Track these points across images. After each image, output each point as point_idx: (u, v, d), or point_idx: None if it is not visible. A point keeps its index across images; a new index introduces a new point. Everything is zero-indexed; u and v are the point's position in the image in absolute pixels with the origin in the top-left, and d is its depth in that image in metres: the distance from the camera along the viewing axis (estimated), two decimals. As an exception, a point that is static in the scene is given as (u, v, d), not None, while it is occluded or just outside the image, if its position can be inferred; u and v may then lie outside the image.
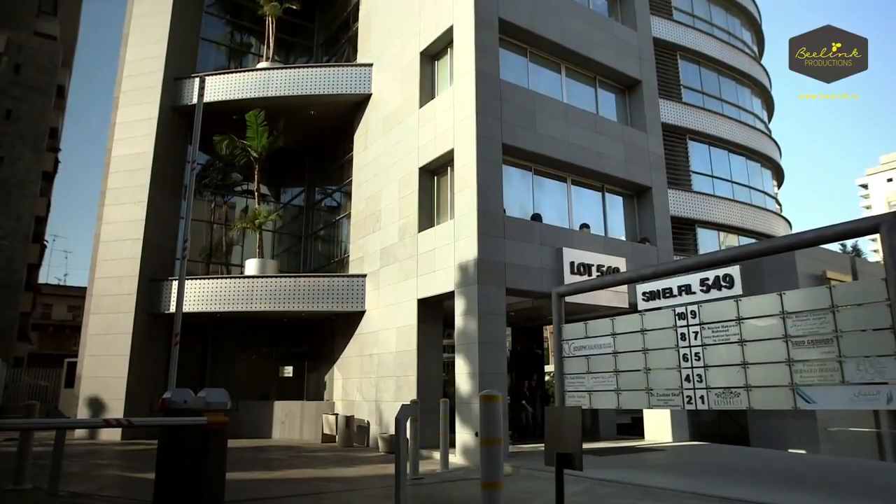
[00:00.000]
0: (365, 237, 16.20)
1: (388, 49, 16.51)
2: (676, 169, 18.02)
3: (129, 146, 17.03)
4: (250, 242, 19.22)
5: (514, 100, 13.20)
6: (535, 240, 12.80)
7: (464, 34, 13.16)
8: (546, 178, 14.27)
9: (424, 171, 14.13)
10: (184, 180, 17.67)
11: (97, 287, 16.29)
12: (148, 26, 17.96)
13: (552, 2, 14.91)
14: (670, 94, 18.45)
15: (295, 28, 21.55)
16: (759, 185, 21.07)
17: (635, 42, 16.72)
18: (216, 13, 20.83)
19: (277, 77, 17.25)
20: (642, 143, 15.88)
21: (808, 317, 5.52)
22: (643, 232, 15.70)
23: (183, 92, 17.57)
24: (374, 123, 16.59)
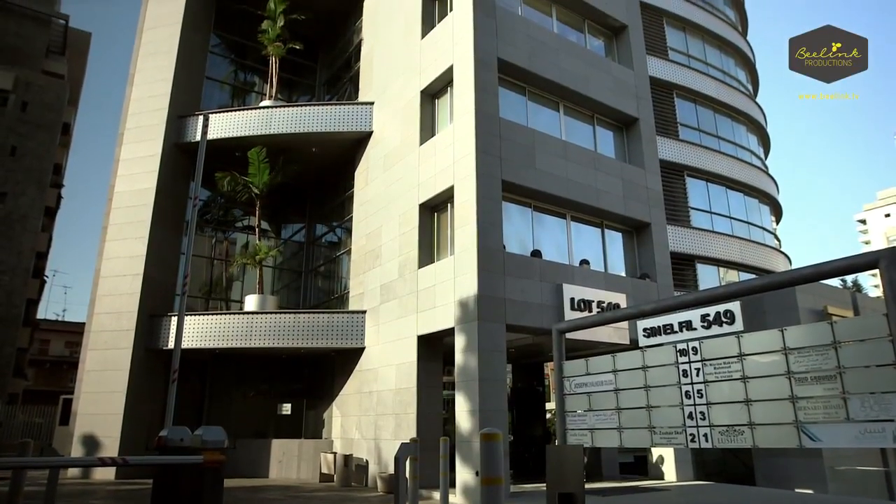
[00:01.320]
0: (365, 273, 16.20)
1: (389, 88, 16.80)
2: (675, 205, 18.13)
3: (132, 182, 17.18)
4: (250, 278, 19.22)
5: (514, 137, 13.38)
6: (535, 276, 12.80)
7: (463, 73, 13.41)
8: (545, 214, 14.36)
9: (425, 208, 14.22)
10: (185, 216, 17.79)
11: (96, 322, 16.22)
12: (154, 66, 18.31)
13: (550, 42, 15.23)
14: (667, 131, 18.70)
15: (298, 67, 21.97)
16: (758, 220, 21.17)
17: (632, 81, 17.02)
18: (221, 53, 21.28)
19: (280, 115, 17.51)
20: (641, 180, 16.02)
21: (811, 353, 5.48)
22: (643, 268, 15.71)
23: (186, 129, 17.81)
24: (375, 160, 16.77)
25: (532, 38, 14.76)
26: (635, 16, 18.04)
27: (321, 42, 22.43)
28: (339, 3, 20.61)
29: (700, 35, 21.53)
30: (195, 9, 19.20)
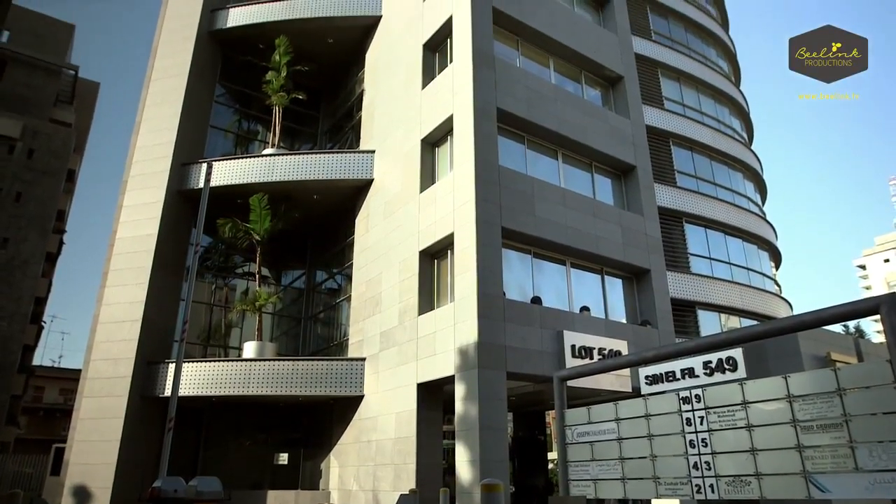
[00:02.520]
0: (365, 320, 16.13)
1: (390, 136, 17.09)
2: (674, 251, 18.20)
3: (134, 228, 17.28)
4: (249, 325, 19.12)
5: (513, 185, 13.54)
6: (535, 323, 12.75)
7: (463, 123, 13.67)
8: (545, 261, 14.40)
9: (425, 255, 14.27)
10: (186, 262, 17.83)
11: (92, 369, 16.05)
12: (160, 115, 18.67)
13: (548, 93, 15.59)
14: (665, 178, 18.93)
15: (300, 116, 22.40)
16: (757, 266, 21.20)
17: (629, 129, 17.34)
18: (225, 103, 21.73)
19: (282, 163, 17.76)
20: (639, 227, 16.13)
21: (815, 400, 5.41)
22: (644, 314, 15.66)
23: (189, 176, 18.03)
24: (376, 207, 16.92)
25: (530, 88, 15.11)
26: (630, 67, 18.51)
27: (324, 92, 22.95)
28: (341, 55, 21.17)
29: (694, 85, 22.04)
30: (202, 61, 19.71)
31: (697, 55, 22.91)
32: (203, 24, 19.86)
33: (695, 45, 23.22)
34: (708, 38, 24.18)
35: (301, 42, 19.64)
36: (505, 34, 15.76)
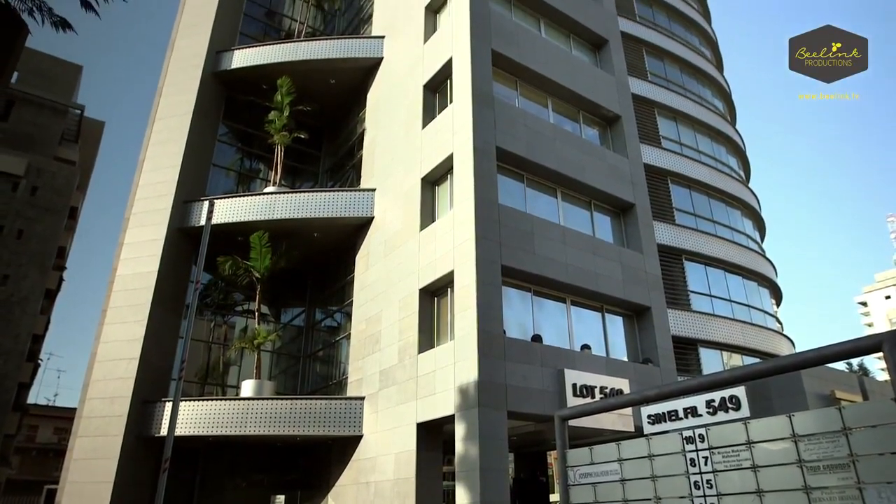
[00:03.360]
0: (364, 358, 16.01)
1: (390, 175, 17.26)
2: (674, 289, 18.18)
3: (135, 266, 17.30)
4: (248, 363, 18.97)
5: (513, 223, 13.61)
6: (535, 361, 12.65)
7: (463, 162, 13.82)
8: (545, 298, 14.37)
9: (425, 293, 14.25)
10: (185, 299, 17.79)
11: (88, 408, 15.85)
12: (163, 153, 18.89)
13: (547, 132, 15.81)
14: (664, 216, 19.03)
15: (302, 155, 22.66)
16: (758, 303, 21.15)
17: (627, 168, 17.52)
18: (228, 141, 22.01)
19: (283, 201, 17.89)
20: (639, 264, 16.16)
21: (821, 440, 5.32)
22: (645, 352, 15.55)
23: (191, 214, 18.14)
24: (376, 245, 16.97)
25: (529, 127, 15.33)
26: (627, 107, 18.82)
27: (325, 131, 23.27)
28: (343, 96, 21.54)
29: (691, 124, 22.36)
30: (206, 100, 20.05)
31: (693, 95, 23.31)
32: (208, 65, 20.27)
33: (690, 86, 23.64)
34: (703, 79, 24.64)
35: (303, 82, 20.01)
36: (504, 75, 16.07)
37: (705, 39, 26.94)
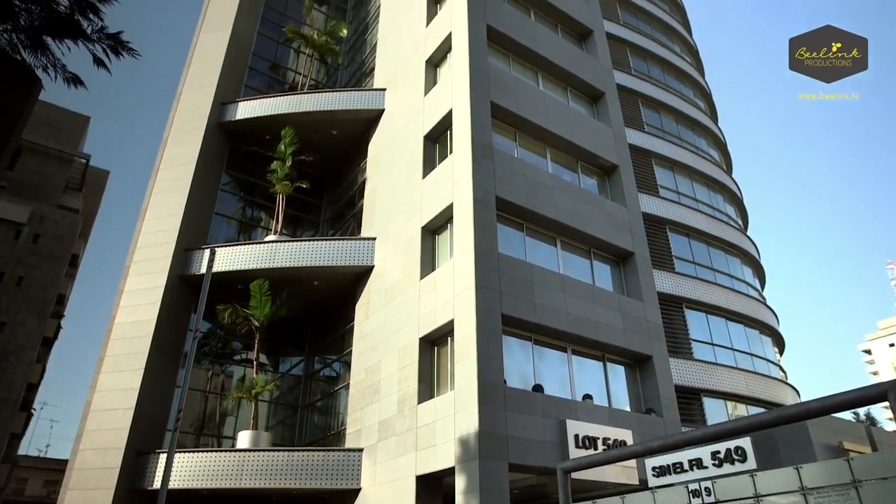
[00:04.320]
0: (363, 409, 15.78)
1: (391, 224, 17.39)
2: (676, 337, 18.07)
3: (134, 314, 17.24)
4: (245, 413, 18.68)
5: (513, 272, 13.64)
6: (537, 411, 12.47)
7: (463, 211, 13.96)
8: (546, 347, 14.28)
9: (425, 342, 14.17)
10: (183, 348, 17.66)
11: (79, 460, 15.52)
12: (166, 202, 19.07)
13: (546, 181, 16.02)
14: (663, 264, 19.08)
15: (303, 204, 22.88)
16: (761, 352, 20.97)
17: (626, 217, 17.67)
18: (231, 190, 22.27)
19: (284, 249, 17.97)
20: (640, 313, 16.11)
21: (830, 493, 5.22)
22: (648, 402, 15.34)
23: (192, 262, 18.19)
24: (376, 294, 16.95)
25: (528, 177, 15.55)
26: (625, 157, 19.11)
27: (326, 180, 23.56)
28: (344, 146, 21.92)
29: (688, 173, 22.67)
30: (210, 150, 20.38)
31: (689, 145, 23.71)
32: (213, 117, 20.69)
33: (686, 136, 24.08)
34: (698, 129, 25.11)
35: (306, 133, 20.38)
36: (503, 126, 16.40)
37: (699, 91, 27.60)
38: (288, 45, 26.09)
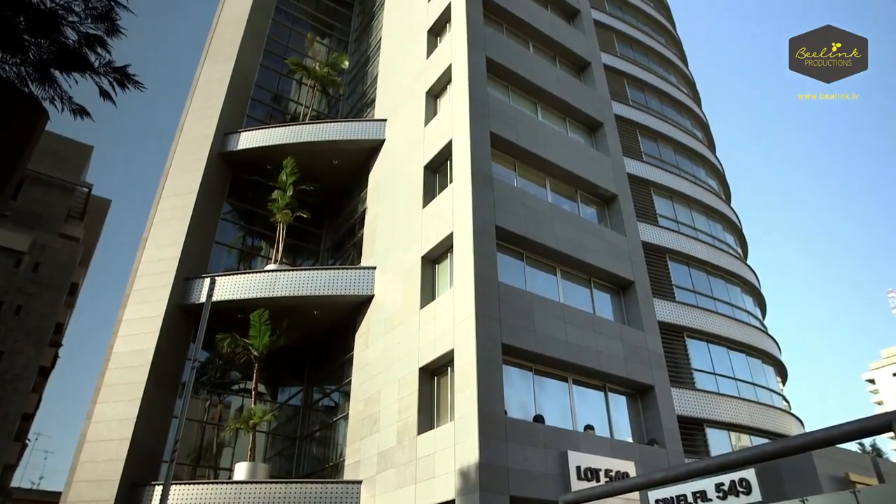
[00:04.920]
0: (362, 440, 15.60)
1: (391, 253, 17.42)
2: (677, 367, 17.95)
3: (132, 343, 17.16)
4: (242, 444, 18.46)
5: (513, 301, 13.62)
6: (538, 443, 12.33)
7: (463, 241, 14.00)
8: (547, 377, 14.18)
9: (425, 372, 14.07)
10: (181, 377, 17.53)
11: (73, 492, 15.27)
12: (167, 231, 19.14)
13: (545, 211, 16.10)
14: (663, 293, 19.05)
15: (304, 233, 22.95)
16: (763, 381, 20.80)
17: (625, 246, 17.70)
18: (231, 220, 22.37)
19: (284, 278, 17.97)
20: (640, 342, 16.04)
21: (837, 529, 5.14)
22: (650, 433, 15.17)
23: (191, 291, 18.16)
24: (376, 323, 16.90)
25: (528, 207, 15.63)
26: (624, 186, 19.24)
27: (327, 210, 23.68)
28: (345, 176, 22.09)
29: (687, 203, 22.78)
30: (212, 180, 20.53)
31: (688, 175, 23.88)
32: (215, 147, 20.89)
33: (684, 166, 24.25)
34: (696, 159, 25.31)
35: (307, 163, 20.55)
36: (503, 156, 16.55)
37: (696, 121, 27.90)
38: (290, 77, 26.49)
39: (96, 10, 5.19)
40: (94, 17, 5.17)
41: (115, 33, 5.34)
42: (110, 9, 5.24)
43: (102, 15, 5.22)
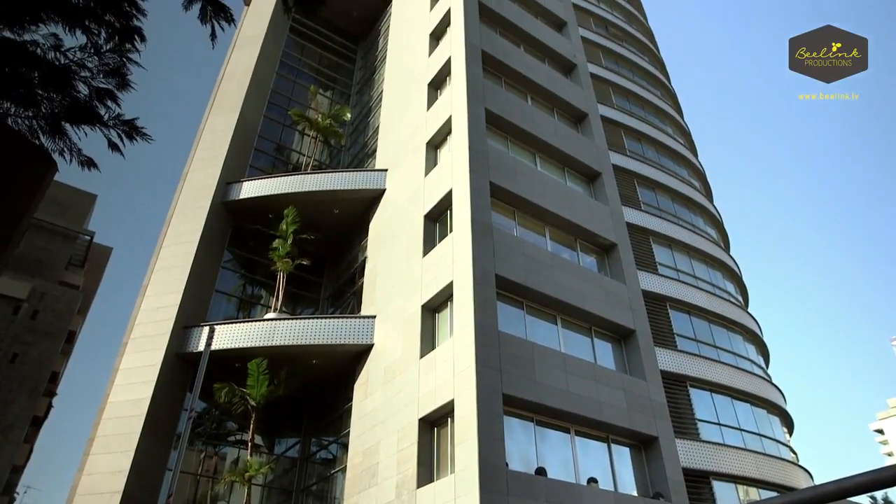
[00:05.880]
0: (360, 493, 15.21)
1: (391, 302, 17.38)
2: (681, 417, 17.65)
3: (128, 392, 16.93)
4: (237, 497, 18.00)
5: (513, 350, 13.52)
6: (540, 497, 12.02)
7: (463, 289, 14.00)
8: (548, 428, 13.94)
9: (424, 423, 13.84)
10: (177, 428, 17.23)
11: (62, 550, 14.80)
12: (167, 279, 19.14)
13: (545, 259, 16.15)
14: (665, 342, 18.90)
15: (304, 282, 22.96)
16: (769, 432, 20.41)
17: (626, 294, 17.68)
18: (232, 268, 22.41)
19: (283, 327, 17.88)
20: (643, 392, 15.83)
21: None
22: (655, 486, 14.80)
23: (190, 340, 18.04)
24: (375, 373, 16.72)
25: (527, 255, 15.69)
26: (623, 235, 19.35)
27: (327, 258, 23.75)
28: (346, 225, 22.26)
29: (686, 251, 22.85)
30: (213, 229, 20.67)
31: (686, 223, 24.05)
32: (217, 196, 21.12)
33: (682, 214, 24.46)
34: (694, 208, 25.55)
35: (308, 212, 20.74)
36: (502, 205, 16.71)
37: (693, 171, 28.28)
38: (293, 128, 27.01)
39: (109, 66, 5.35)
40: (107, 72, 5.32)
41: (126, 87, 5.49)
42: (122, 64, 5.40)
43: (114, 70, 5.37)
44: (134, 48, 5.43)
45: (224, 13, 5.70)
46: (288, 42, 29.99)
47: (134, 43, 5.44)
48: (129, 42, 5.43)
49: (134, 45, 5.44)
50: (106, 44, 5.31)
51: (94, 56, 5.27)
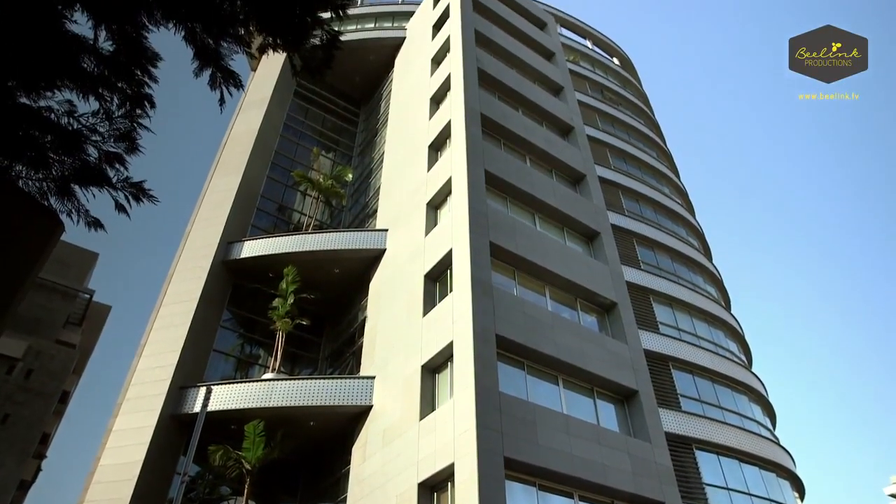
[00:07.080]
0: (356, 562, 14.62)
1: (390, 362, 17.20)
2: (688, 482, 17.14)
3: (119, 455, 16.51)
4: (228, 568, 17.26)
5: (514, 412, 13.29)
6: (545, 567, 11.55)
7: (463, 349, 13.88)
8: (552, 493, 13.52)
9: (424, 488, 13.45)
10: (168, 493, 16.70)
11: None
12: (165, 338, 18.99)
13: (545, 319, 16.08)
14: (669, 403, 18.58)
15: (303, 341, 22.78)
16: (780, 497, 19.78)
17: (627, 354, 17.51)
18: (231, 327, 22.27)
19: (281, 388, 17.62)
20: (648, 455, 15.45)
21: None
22: (663, 556, 14.24)
23: (186, 400, 17.74)
24: (374, 435, 16.37)
25: (528, 315, 15.63)
26: (623, 294, 19.34)
27: (327, 318, 23.64)
28: (346, 284, 22.27)
29: (687, 310, 22.78)
30: (213, 288, 20.66)
31: (686, 282, 24.07)
32: (218, 255, 21.21)
33: (682, 273, 24.51)
34: (694, 267, 25.63)
35: (309, 271, 20.80)
36: (502, 265, 16.79)
37: (692, 230, 28.55)
38: (295, 188, 27.43)
39: (119, 130, 5.50)
40: (117, 136, 5.47)
41: (135, 151, 5.62)
42: (132, 129, 5.55)
43: (124, 135, 5.52)
44: (145, 114, 5.60)
45: (233, 79, 5.88)
46: (292, 105, 30.83)
47: (145, 109, 5.60)
48: (140, 108, 5.59)
49: (145, 111, 5.60)
50: (118, 109, 5.47)
51: (106, 121, 5.43)
